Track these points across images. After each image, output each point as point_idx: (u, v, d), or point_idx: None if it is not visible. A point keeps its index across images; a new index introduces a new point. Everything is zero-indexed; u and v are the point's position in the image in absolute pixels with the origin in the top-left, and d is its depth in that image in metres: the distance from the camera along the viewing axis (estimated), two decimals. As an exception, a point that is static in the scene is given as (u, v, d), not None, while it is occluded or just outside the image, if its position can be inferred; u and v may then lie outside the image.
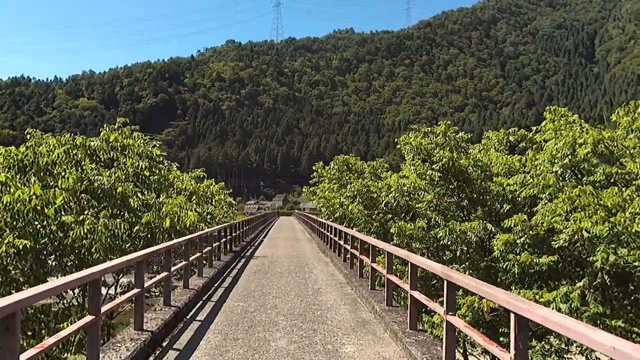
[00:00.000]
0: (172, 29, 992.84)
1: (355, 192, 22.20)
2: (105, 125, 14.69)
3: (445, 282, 5.44)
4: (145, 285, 6.83)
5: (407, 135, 19.07)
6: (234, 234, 20.19)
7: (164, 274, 8.28)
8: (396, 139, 20.00)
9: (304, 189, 42.42)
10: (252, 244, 26.21)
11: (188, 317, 8.49)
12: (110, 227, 11.10)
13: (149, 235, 13.13)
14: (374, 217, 21.09)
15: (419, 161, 18.22)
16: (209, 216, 20.23)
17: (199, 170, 22.70)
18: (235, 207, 45.00)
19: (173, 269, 9.28)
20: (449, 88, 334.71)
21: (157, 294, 15.21)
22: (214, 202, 23.25)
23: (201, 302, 9.94)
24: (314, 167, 34.96)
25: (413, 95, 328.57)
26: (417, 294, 6.81)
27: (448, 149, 17.77)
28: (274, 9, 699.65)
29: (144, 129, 20.32)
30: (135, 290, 6.47)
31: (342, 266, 15.13)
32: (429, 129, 19.52)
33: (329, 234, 21.08)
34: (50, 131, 14.93)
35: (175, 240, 9.17)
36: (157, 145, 16.31)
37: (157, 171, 15.66)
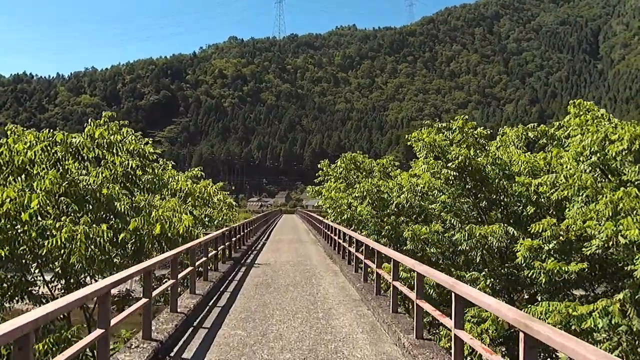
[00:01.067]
0: (174, 26, 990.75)
1: (365, 193, 20.76)
2: (90, 120, 13.31)
3: (521, 334, 3.87)
4: (113, 322, 5.24)
5: (419, 132, 17.76)
6: (233, 239, 18.57)
7: (143, 300, 6.66)
8: (407, 136, 18.65)
9: (308, 188, 40.95)
10: (253, 248, 24.65)
11: (173, 353, 6.83)
12: (92, 235, 9.84)
13: (137, 243, 11.83)
14: (384, 219, 19.69)
15: (432, 159, 16.95)
16: (206, 219, 18.85)
17: (197, 169, 21.25)
18: (237, 206, 43.67)
19: (157, 290, 7.73)
20: (452, 85, 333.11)
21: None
22: (211, 204, 21.74)
23: (191, 329, 8.25)
24: (319, 165, 33.34)
25: (416, 92, 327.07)
26: (464, 335, 5.06)
27: (465, 146, 16.46)
28: (276, 6, 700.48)
29: (146, 126, 18.90)
30: (99, 332, 4.90)
31: (354, 278, 13.53)
32: (444, 124, 18.28)
33: (336, 238, 19.49)
34: (52, 128, 13.66)
35: (156, 258, 7.57)
36: (150, 142, 14.94)
37: (150, 170, 14.35)
